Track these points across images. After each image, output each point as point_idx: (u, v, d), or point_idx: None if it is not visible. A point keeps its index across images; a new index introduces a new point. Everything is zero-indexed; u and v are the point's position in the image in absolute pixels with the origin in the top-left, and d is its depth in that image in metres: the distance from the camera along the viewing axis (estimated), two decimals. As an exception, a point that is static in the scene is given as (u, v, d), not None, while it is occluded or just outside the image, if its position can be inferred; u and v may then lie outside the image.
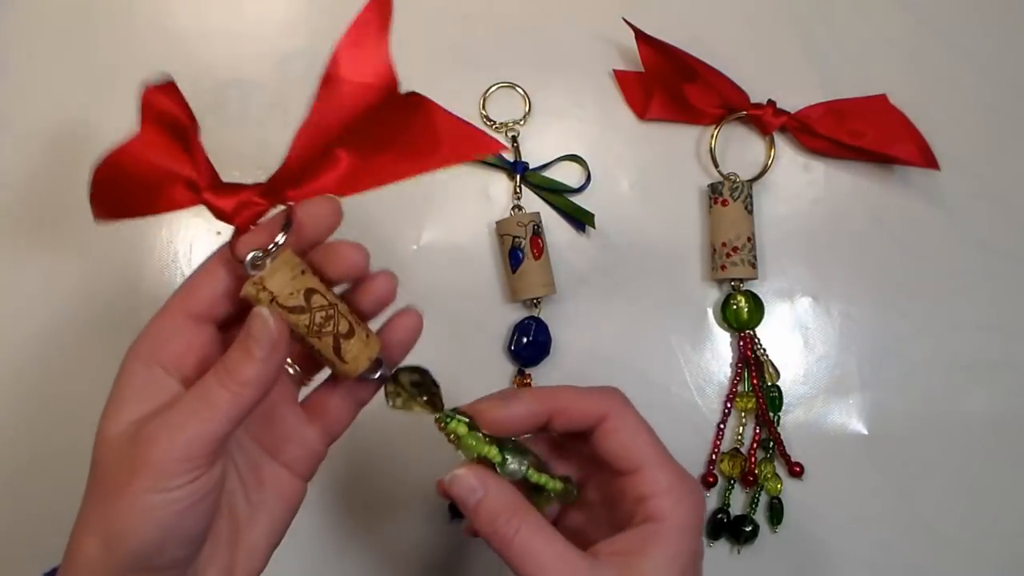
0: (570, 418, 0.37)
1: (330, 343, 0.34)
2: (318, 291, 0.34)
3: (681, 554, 0.35)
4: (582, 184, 0.55)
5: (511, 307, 0.54)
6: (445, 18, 0.57)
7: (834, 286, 0.55)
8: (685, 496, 0.36)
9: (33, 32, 0.56)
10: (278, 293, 0.32)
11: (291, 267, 0.33)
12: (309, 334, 0.34)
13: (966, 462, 0.54)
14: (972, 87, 0.57)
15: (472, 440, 0.36)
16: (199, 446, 0.30)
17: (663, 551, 0.34)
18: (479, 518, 0.35)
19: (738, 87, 0.54)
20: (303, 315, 0.33)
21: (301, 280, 0.33)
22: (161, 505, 0.30)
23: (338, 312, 0.34)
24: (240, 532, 0.35)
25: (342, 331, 0.34)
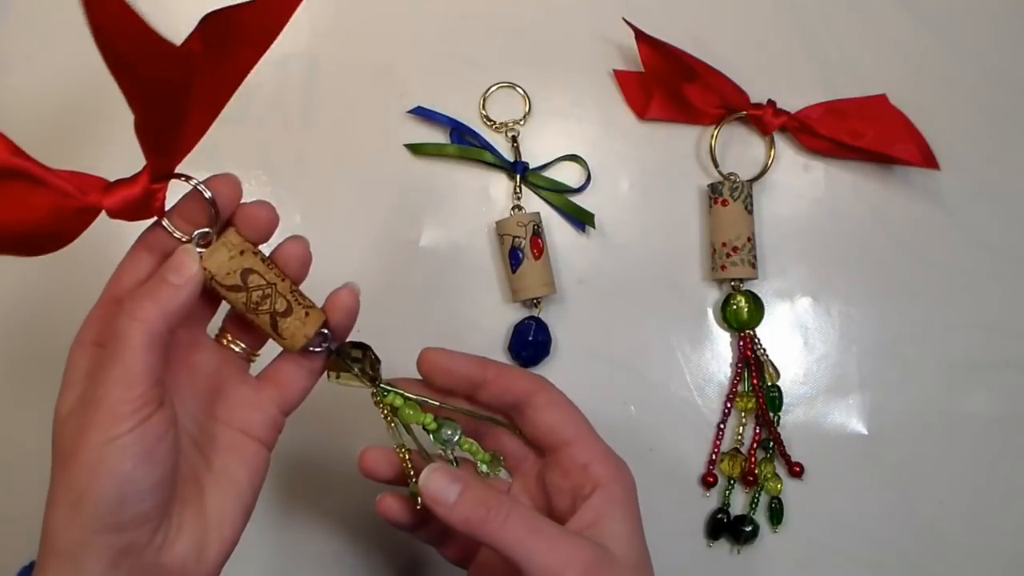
0: (502, 387, 0.39)
1: (267, 320, 0.36)
2: (256, 271, 0.36)
3: (634, 514, 0.38)
4: (582, 184, 0.55)
5: (511, 307, 0.54)
6: (445, 18, 0.57)
7: (834, 286, 0.55)
8: (618, 463, 0.39)
9: (33, 32, 0.56)
10: (216, 272, 0.35)
11: (229, 248, 0.35)
12: (247, 311, 0.36)
13: (966, 462, 0.54)
14: (972, 87, 0.57)
15: (409, 410, 0.38)
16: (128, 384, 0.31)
17: (620, 510, 0.37)
18: (461, 512, 0.35)
19: (738, 87, 0.54)
20: (239, 293, 0.35)
21: (239, 260, 0.35)
22: (113, 455, 0.31)
23: (275, 291, 0.36)
24: (206, 499, 0.35)
25: (279, 309, 0.36)
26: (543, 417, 0.39)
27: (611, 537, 0.36)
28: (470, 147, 0.55)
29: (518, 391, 0.39)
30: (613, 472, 0.38)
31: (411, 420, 0.38)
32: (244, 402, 0.37)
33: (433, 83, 0.56)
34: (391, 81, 0.56)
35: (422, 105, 0.55)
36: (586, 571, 0.34)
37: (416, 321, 0.54)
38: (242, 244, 0.36)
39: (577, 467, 0.38)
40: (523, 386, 0.39)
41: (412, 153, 0.55)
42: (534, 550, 0.34)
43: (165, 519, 0.33)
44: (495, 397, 0.39)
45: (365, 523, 0.52)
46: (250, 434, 0.37)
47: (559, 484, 0.39)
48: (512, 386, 0.39)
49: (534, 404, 0.39)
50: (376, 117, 0.56)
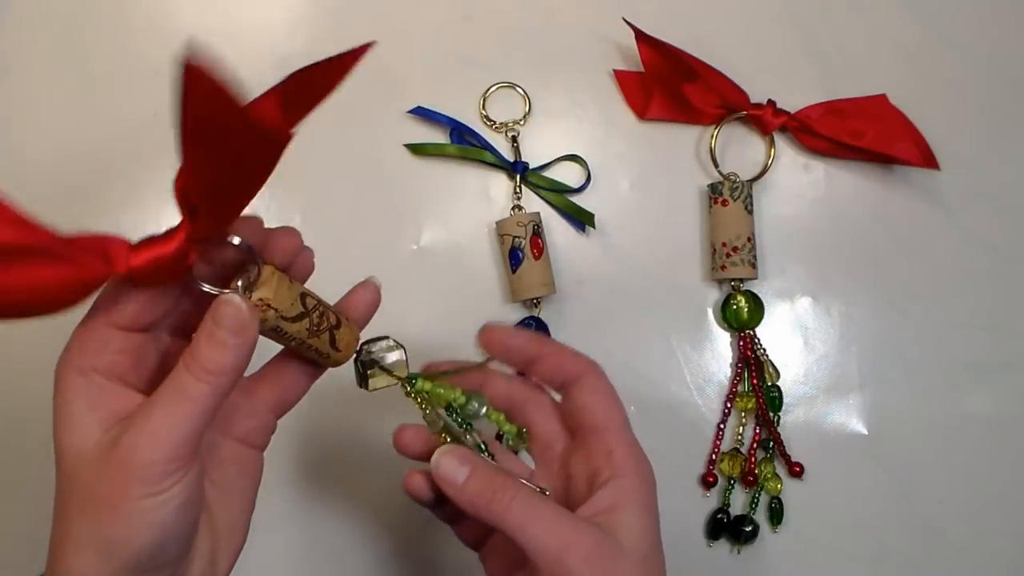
0: (553, 366, 0.40)
1: (327, 338, 0.35)
2: (307, 293, 0.34)
3: (652, 508, 0.38)
4: (582, 184, 0.55)
5: (511, 307, 0.54)
6: (445, 18, 0.57)
7: (834, 286, 0.55)
8: (643, 460, 0.39)
9: (33, 32, 0.56)
10: (282, 307, 0.32)
11: (281, 278, 0.33)
12: (309, 336, 0.34)
13: (966, 462, 0.54)
14: (972, 87, 0.57)
15: (440, 389, 0.38)
16: (182, 443, 0.30)
17: (636, 501, 0.37)
18: (469, 493, 0.36)
19: (738, 87, 0.54)
20: (304, 320, 0.33)
21: (294, 287, 0.33)
22: (156, 508, 0.30)
23: (324, 306, 0.35)
24: (215, 513, 0.35)
25: (333, 323, 0.35)
26: (583, 397, 0.39)
27: (621, 526, 0.36)
28: (470, 147, 0.55)
29: (569, 370, 0.40)
30: (635, 464, 0.38)
31: (443, 400, 0.39)
32: (239, 410, 0.37)
33: (433, 83, 0.56)
34: (391, 81, 0.56)
35: (422, 105, 0.55)
36: (587, 557, 0.34)
37: (416, 321, 0.54)
38: (282, 273, 0.34)
39: (602, 453, 0.38)
40: (574, 367, 0.40)
41: (412, 153, 0.55)
42: (537, 533, 0.34)
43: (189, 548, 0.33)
44: (547, 374, 0.40)
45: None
46: (247, 442, 0.37)
47: (581, 468, 0.39)
48: (564, 364, 0.40)
49: (580, 384, 0.39)
50: (376, 117, 0.56)
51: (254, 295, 0.32)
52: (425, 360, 0.41)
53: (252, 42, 0.57)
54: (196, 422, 0.30)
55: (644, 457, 0.39)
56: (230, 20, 0.57)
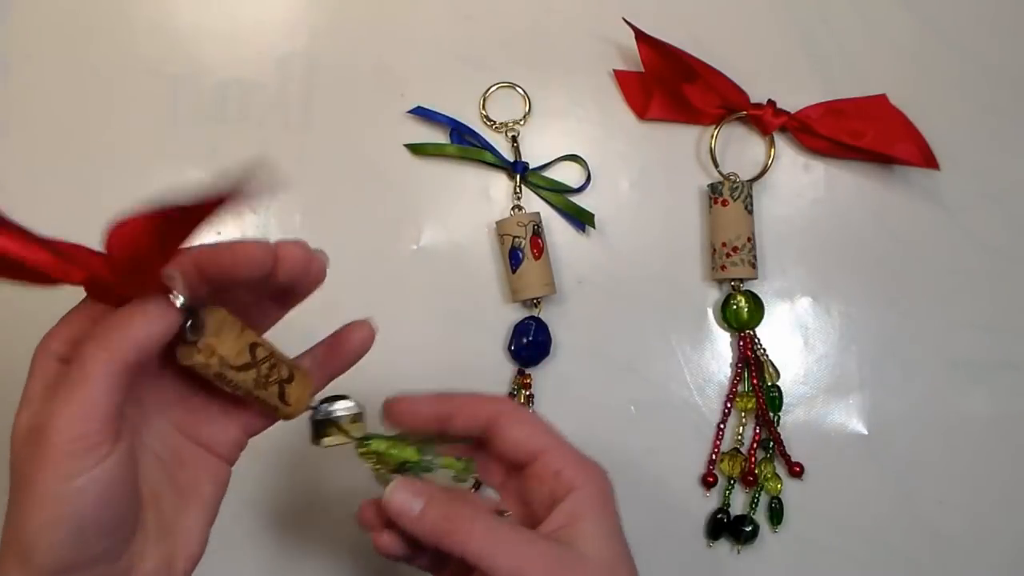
0: (468, 416, 0.39)
1: (276, 391, 0.33)
2: (259, 343, 0.33)
3: (610, 514, 0.38)
4: (582, 184, 0.55)
5: (511, 307, 0.54)
6: (445, 18, 0.57)
7: (834, 286, 0.55)
8: (592, 467, 0.39)
9: (33, 32, 0.56)
10: (228, 355, 0.31)
11: (232, 324, 0.32)
12: (256, 387, 0.33)
13: (966, 462, 0.54)
14: (972, 87, 0.57)
15: (394, 449, 0.38)
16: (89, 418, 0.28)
17: (593, 510, 0.37)
18: (427, 523, 0.35)
19: (738, 87, 0.54)
20: (251, 371, 0.32)
21: (244, 336, 0.32)
22: (69, 497, 0.28)
23: (277, 358, 0.34)
24: (172, 517, 0.34)
25: (284, 376, 0.34)
26: (511, 434, 0.39)
27: (582, 537, 0.36)
28: (470, 147, 0.55)
29: (484, 416, 0.39)
30: (585, 475, 0.38)
31: (398, 459, 0.38)
32: (211, 420, 0.36)
33: (433, 83, 0.56)
34: (391, 81, 0.56)
35: (422, 105, 0.55)
36: (547, 571, 0.34)
37: (416, 321, 0.54)
38: (236, 318, 0.32)
39: (550, 474, 0.38)
40: (488, 410, 0.39)
41: (412, 153, 0.55)
42: (496, 554, 0.34)
43: (127, 549, 0.31)
44: (465, 427, 0.40)
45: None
46: (214, 451, 0.36)
47: (536, 494, 0.39)
48: (478, 412, 0.39)
49: (501, 424, 0.39)
50: (376, 117, 0.56)
51: (200, 340, 0.30)
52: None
53: (252, 42, 0.57)
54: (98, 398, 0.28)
55: (595, 466, 0.39)
56: (230, 20, 0.57)
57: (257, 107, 0.56)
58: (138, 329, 0.29)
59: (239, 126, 0.55)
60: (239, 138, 0.55)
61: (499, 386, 0.54)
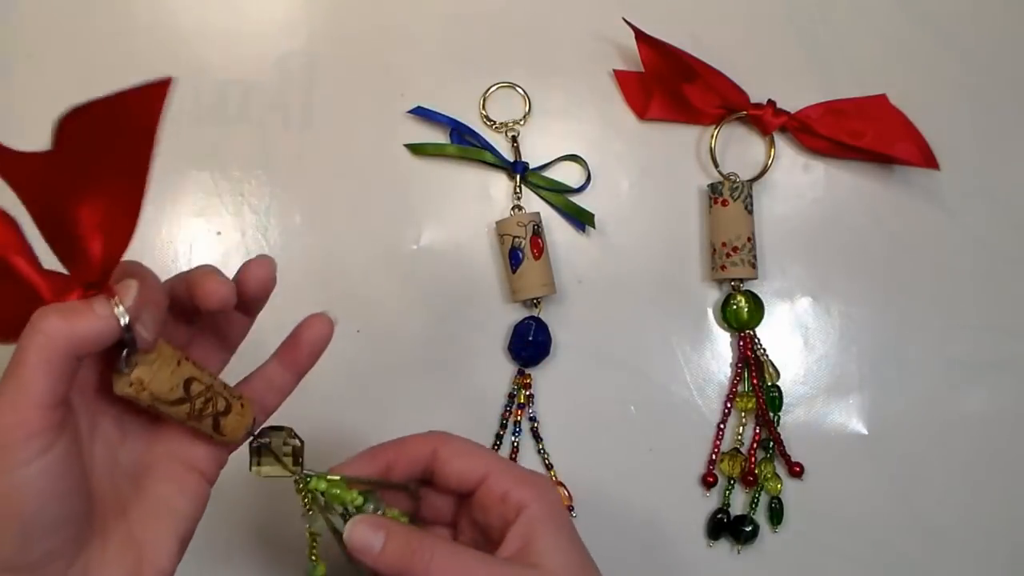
0: (405, 462, 0.39)
1: (209, 424, 0.34)
2: (195, 378, 0.33)
3: (563, 525, 0.38)
4: (582, 184, 0.55)
5: (511, 307, 0.54)
6: (445, 18, 0.57)
7: (834, 286, 0.55)
8: (536, 482, 0.39)
9: (33, 32, 0.56)
10: (159, 392, 0.32)
11: (168, 360, 0.32)
12: (189, 419, 0.33)
13: (966, 462, 0.54)
14: (972, 87, 0.57)
15: (336, 489, 0.38)
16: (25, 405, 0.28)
17: (547, 525, 0.37)
18: (389, 558, 0.36)
19: (738, 87, 0.54)
20: (183, 405, 0.33)
21: (179, 371, 0.32)
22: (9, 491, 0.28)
23: (214, 392, 0.34)
24: (140, 528, 0.33)
25: (220, 410, 0.34)
26: (451, 468, 0.39)
27: (541, 554, 0.36)
28: (470, 147, 0.55)
29: (422, 456, 0.39)
30: (532, 492, 0.38)
31: (339, 500, 0.38)
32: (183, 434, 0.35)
33: (433, 83, 0.56)
34: (391, 81, 0.56)
35: (422, 105, 0.55)
36: None
37: (416, 321, 0.54)
38: (175, 353, 0.33)
39: (496, 499, 0.38)
40: (424, 449, 0.40)
41: (412, 153, 0.55)
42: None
43: (81, 552, 0.31)
44: (407, 471, 0.40)
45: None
46: (192, 466, 0.35)
47: (489, 519, 0.39)
48: (415, 454, 0.40)
49: (440, 460, 0.39)
50: (376, 117, 0.56)
51: (132, 373, 0.31)
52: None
53: (252, 42, 0.57)
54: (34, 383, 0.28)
55: (539, 481, 0.39)
56: (230, 20, 0.57)
57: (257, 107, 0.56)
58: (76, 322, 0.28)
59: (239, 126, 0.55)
60: (239, 138, 0.55)
61: (499, 386, 0.54)
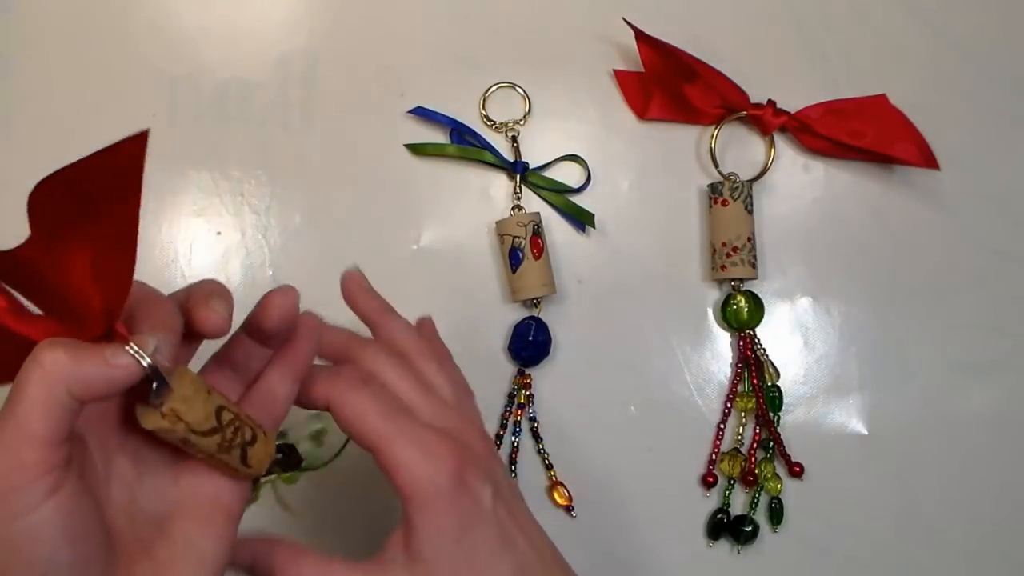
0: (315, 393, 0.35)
1: (238, 455, 0.32)
2: (225, 406, 0.32)
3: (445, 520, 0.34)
4: (582, 184, 0.55)
5: (511, 307, 0.54)
6: (445, 18, 0.57)
7: (834, 286, 0.55)
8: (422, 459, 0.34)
9: (33, 32, 0.56)
10: (194, 422, 0.30)
11: (200, 389, 0.30)
12: (219, 452, 0.31)
13: (966, 462, 0.54)
14: (972, 87, 0.57)
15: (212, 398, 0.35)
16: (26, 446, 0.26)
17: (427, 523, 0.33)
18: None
19: (738, 87, 0.54)
20: (215, 436, 0.31)
21: (211, 400, 0.31)
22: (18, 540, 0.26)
23: (242, 421, 0.32)
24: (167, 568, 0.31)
25: (247, 439, 0.32)
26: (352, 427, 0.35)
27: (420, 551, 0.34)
28: (470, 147, 0.55)
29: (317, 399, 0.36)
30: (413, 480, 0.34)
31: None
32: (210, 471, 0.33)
33: (433, 83, 0.56)
34: (391, 81, 0.56)
35: (422, 105, 0.55)
36: None
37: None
38: (202, 382, 0.31)
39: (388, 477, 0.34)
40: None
41: (412, 153, 0.55)
42: None
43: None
44: None
45: None
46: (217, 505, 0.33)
47: None
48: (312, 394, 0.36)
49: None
50: (376, 117, 0.56)
51: (165, 405, 0.29)
52: None
53: (252, 42, 0.57)
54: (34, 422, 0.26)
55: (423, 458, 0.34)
56: (230, 20, 0.57)
57: (257, 107, 0.56)
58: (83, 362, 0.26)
59: (239, 126, 0.55)
60: (239, 138, 0.55)
61: (499, 386, 0.54)
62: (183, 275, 0.54)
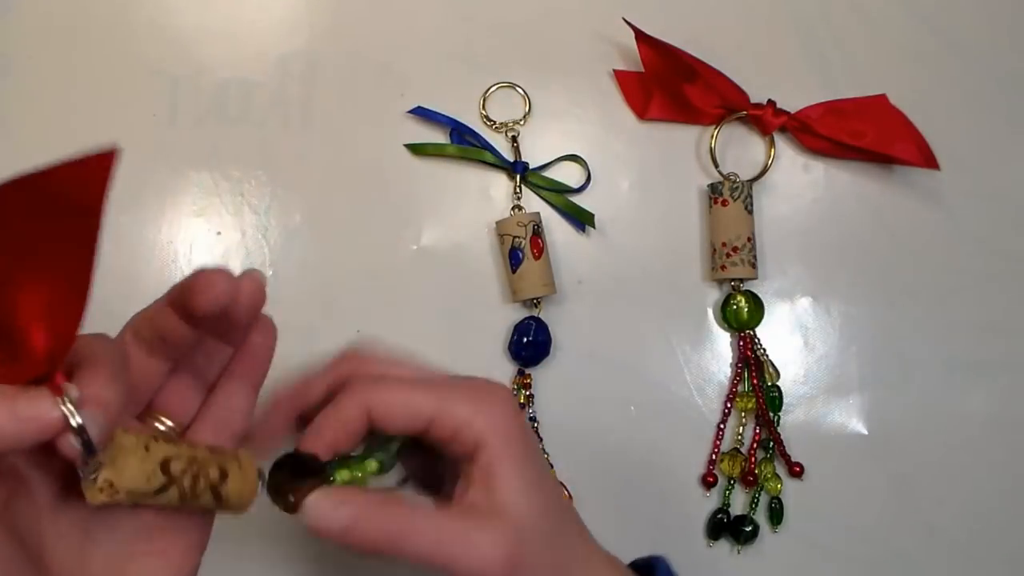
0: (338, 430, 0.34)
1: (209, 498, 0.30)
2: (171, 456, 0.29)
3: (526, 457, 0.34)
4: (582, 184, 0.55)
5: (511, 307, 0.54)
6: (445, 18, 0.57)
7: (834, 286, 0.55)
8: (489, 407, 0.34)
9: (33, 32, 0.56)
10: (134, 487, 0.27)
11: (132, 449, 0.27)
12: (184, 502, 0.29)
13: (966, 462, 0.54)
14: (972, 87, 0.57)
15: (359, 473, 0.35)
16: None
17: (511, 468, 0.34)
18: (359, 532, 0.32)
19: (738, 87, 0.54)
20: (171, 490, 0.28)
21: (150, 457, 0.28)
22: None
23: (200, 463, 0.29)
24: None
25: (214, 480, 0.30)
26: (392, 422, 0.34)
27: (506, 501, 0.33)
28: (470, 147, 0.55)
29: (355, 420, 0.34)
30: (484, 422, 0.34)
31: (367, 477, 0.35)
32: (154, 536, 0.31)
33: (433, 83, 0.56)
34: (391, 81, 0.56)
35: (422, 105, 0.55)
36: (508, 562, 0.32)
37: (416, 321, 0.54)
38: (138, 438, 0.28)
39: (448, 438, 0.34)
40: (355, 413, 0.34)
41: (412, 153, 0.55)
42: (453, 555, 0.32)
43: None
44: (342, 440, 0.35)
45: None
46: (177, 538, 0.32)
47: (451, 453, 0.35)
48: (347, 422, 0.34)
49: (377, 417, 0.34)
50: (376, 117, 0.56)
51: (99, 477, 0.26)
52: None
53: (252, 42, 0.57)
54: None
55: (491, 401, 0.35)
56: (230, 20, 0.57)
57: (257, 107, 0.56)
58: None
59: (239, 126, 0.55)
60: (239, 138, 0.55)
61: (499, 386, 0.54)
62: (183, 275, 0.53)
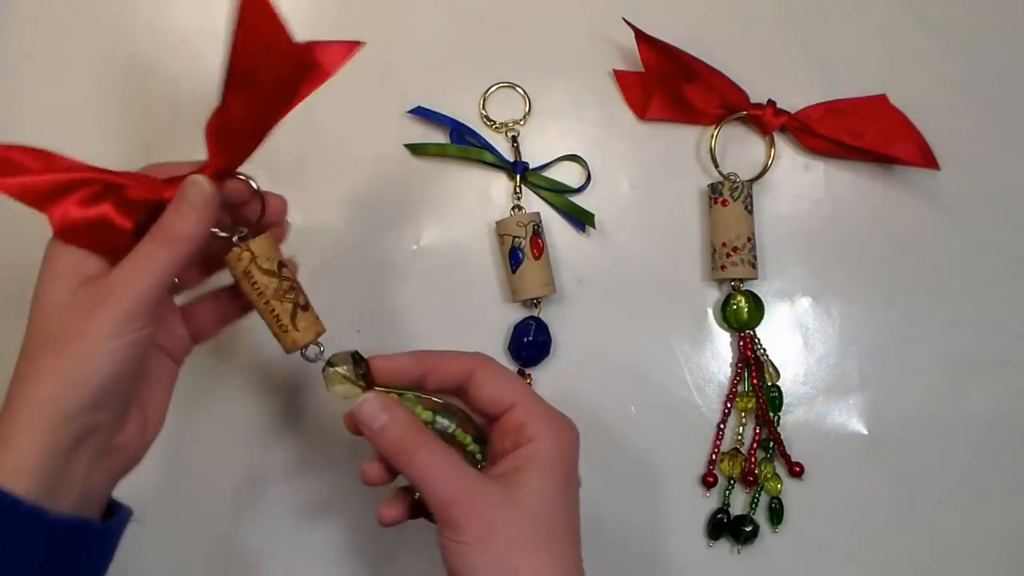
0: (444, 373, 0.41)
1: (289, 309, 0.39)
2: (287, 266, 0.40)
3: (557, 471, 0.39)
4: (582, 184, 0.55)
5: (511, 307, 0.54)
6: (445, 18, 0.57)
7: (834, 286, 0.55)
8: (559, 424, 0.41)
9: (33, 32, 0.56)
10: (258, 254, 0.38)
11: (271, 242, 0.39)
12: (275, 296, 0.39)
13: (966, 462, 0.54)
14: (972, 87, 0.57)
15: (407, 402, 0.40)
16: (146, 296, 0.35)
17: (544, 464, 0.39)
18: (385, 440, 0.39)
19: (738, 87, 0.54)
20: (273, 278, 0.39)
21: (277, 252, 0.40)
22: (115, 349, 0.34)
23: (298, 289, 0.40)
24: (145, 395, 0.40)
25: (301, 303, 0.40)
26: (484, 391, 0.41)
27: (523, 484, 0.38)
28: (470, 147, 0.55)
29: (458, 372, 0.41)
30: (549, 429, 0.40)
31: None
32: (171, 326, 0.42)
33: (433, 83, 0.56)
34: (391, 81, 0.56)
35: (422, 105, 0.55)
36: (472, 507, 0.37)
37: (416, 321, 0.54)
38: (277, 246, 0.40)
39: (516, 427, 0.40)
40: (462, 367, 0.41)
41: (412, 153, 0.55)
42: (431, 480, 0.37)
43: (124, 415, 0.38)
44: (441, 383, 0.42)
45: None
46: (170, 352, 0.42)
47: (501, 445, 0.41)
48: (452, 369, 0.41)
49: (476, 381, 0.41)
50: (376, 117, 0.56)
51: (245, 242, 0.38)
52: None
53: (252, 42, 0.57)
54: (158, 279, 0.35)
55: (563, 424, 0.41)
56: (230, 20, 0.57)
57: (257, 107, 0.56)
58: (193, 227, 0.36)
59: (239, 126, 0.55)
60: (239, 138, 0.55)
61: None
62: (183, 275, 0.54)
